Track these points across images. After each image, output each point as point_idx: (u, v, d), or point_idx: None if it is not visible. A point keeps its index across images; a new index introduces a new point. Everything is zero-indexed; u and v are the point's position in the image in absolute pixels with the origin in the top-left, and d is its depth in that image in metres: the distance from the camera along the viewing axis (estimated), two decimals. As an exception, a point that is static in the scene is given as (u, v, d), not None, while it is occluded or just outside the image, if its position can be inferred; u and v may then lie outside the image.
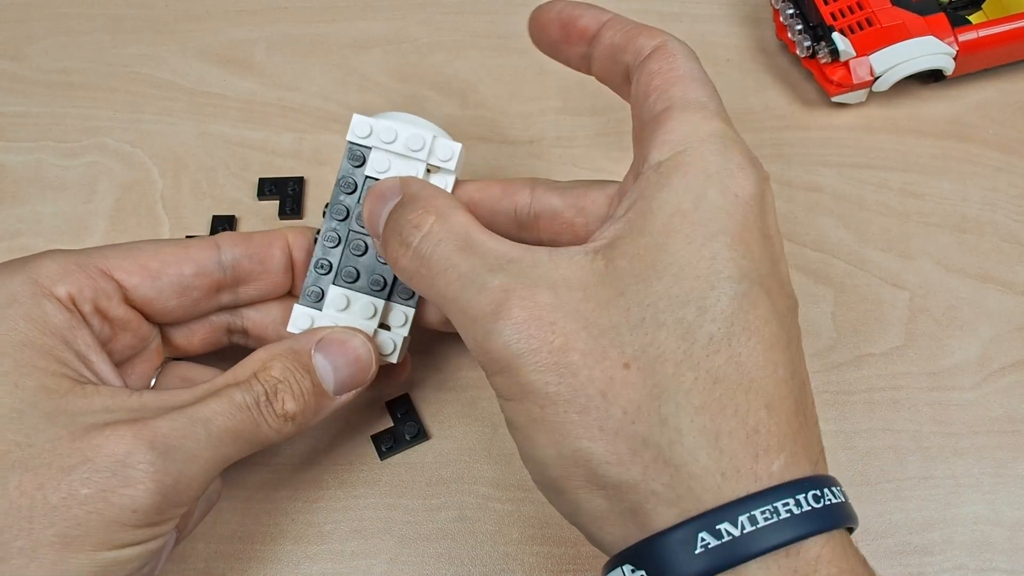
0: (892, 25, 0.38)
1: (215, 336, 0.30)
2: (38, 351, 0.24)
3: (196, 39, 0.42)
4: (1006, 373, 0.35)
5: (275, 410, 0.26)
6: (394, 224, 0.25)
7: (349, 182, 0.29)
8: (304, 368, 0.27)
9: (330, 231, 0.29)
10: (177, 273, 0.28)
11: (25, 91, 0.41)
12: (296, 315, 0.29)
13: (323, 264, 0.29)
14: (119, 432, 0.23)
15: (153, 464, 0.23)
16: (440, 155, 0.29)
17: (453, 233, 0.24)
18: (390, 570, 0.31)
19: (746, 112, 0.41)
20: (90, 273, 0.26)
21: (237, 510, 0.32)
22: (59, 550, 0.22)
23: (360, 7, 0.43)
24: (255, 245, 0.29)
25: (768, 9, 0.43)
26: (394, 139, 0.28)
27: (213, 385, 0.25)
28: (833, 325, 0.36)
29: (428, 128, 0.29)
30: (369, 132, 0.29)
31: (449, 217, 0.24)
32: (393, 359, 0.30)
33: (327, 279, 0.29)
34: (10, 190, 0.38)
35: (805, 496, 0.20)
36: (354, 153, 0.29)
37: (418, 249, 0.24)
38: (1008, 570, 0.31)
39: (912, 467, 0.33)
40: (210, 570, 0.31)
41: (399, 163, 0.29)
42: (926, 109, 0.41)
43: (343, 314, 0.29)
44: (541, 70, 0.42)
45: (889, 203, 0.38)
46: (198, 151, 0.39)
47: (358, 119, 0.29)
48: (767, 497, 0.20)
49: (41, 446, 0.22)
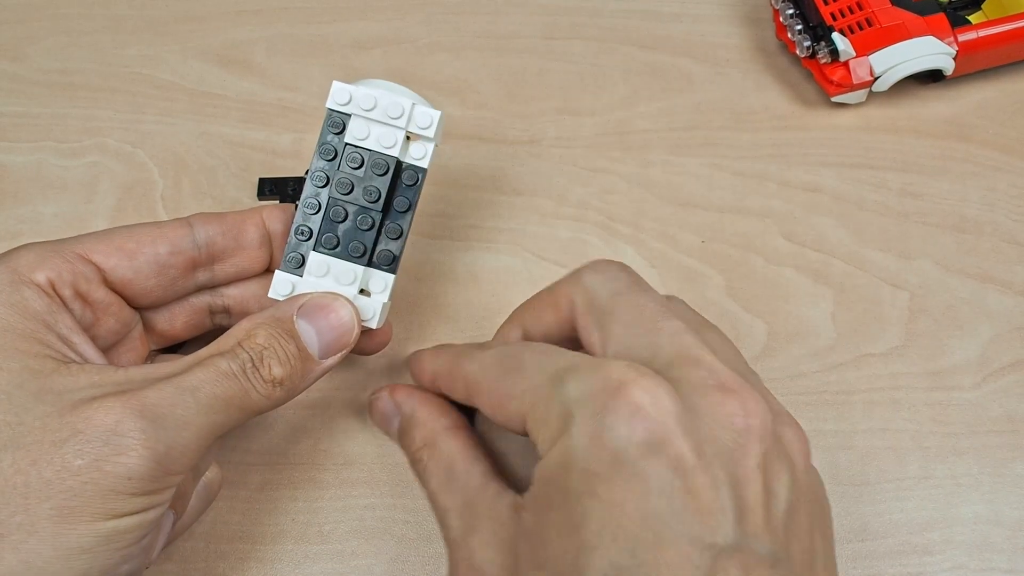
0: (892, 25, 0.39)
1: (197, 319, 0.30)
2: (20, 335, 0.24)
3: (196, 39, 0.42)
4: (1006, 373, 0.35)
5: (262, 376, 0.26)
6: (404, 449, 0.29)
7: (329, 149, 0.29)
8: (288, 333, 0.27)
9: (310, 198, 0.29)
10: (152, 252, 0.28)
11: (26, 91, 0.41)
12: (277, 281, 0.29)
13: (303, 231, 0.29)
14: (107, 403, 0.23)
15: (144, 431, 0.23)
16: (419, 123, 0.29)
17: (441, 467, 0.27)
18: (390, 570, 0.31)
19: (746, 112, 0.41)
20: (67, 258, 0.26)
21: (237, 510, 0.32)
22: (58, 523, 0.22)
23: (360, 7, 0.44)
24: (228, 222, 0.30)
25: (768, 9, 0.43)
26: (373, 106, 0.29)
27: (198, 356, 0.26)
28: (833, 325, 0.36)
29: (407, 96, 0.29)
30: (349, 99, 0.29)
31: (441, 443, 0.28)
32: (373, 324, 0.30)
33: (307, 245, 0.29)
34: (11, 190, 0.38)
35: None
36: (334, 120, 0.29)
37: (425, 471, 0.28)
38: (1008, 570, 0.31)
39: (912, 467, 0.33)
40: (210, 570, 0.31)
41: (378, 130, 0.29)
42: (926, 109, 0.41)
43: (324, 279, 0.29)
44: (541, 70, 0.42)
45: (889, 203, 0.38)
46: (198, 151, 0.39)
47: (338, 86, 0.29)
48: None
49: (31, 424, 0.23)
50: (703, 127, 0.40)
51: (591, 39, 0.43)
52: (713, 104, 0.41)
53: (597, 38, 0.43)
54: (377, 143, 0.29)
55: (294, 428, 0.33)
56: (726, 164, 0.39)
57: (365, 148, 0.29)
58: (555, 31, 0.43)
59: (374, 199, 0.29)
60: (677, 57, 0.42)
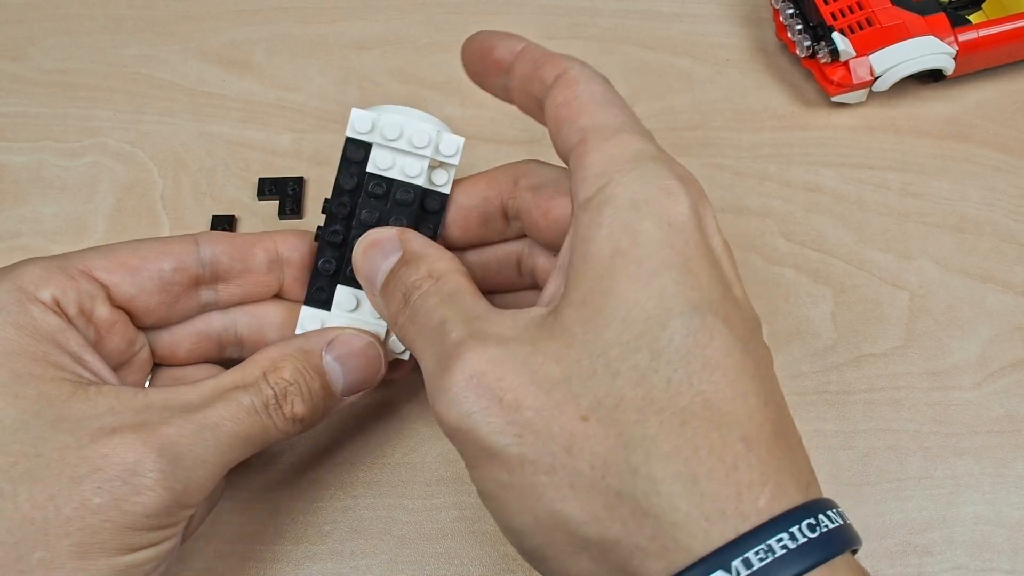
0: (892, 25, 0.38)
1: (204, 347, 0.29)
2: (33, 358, 0.24)
3: (196, 39, 0.42)
4: (1006, 373, 0.35)
5: (284, 412, 0.25)
6: (396, 283, 0.25)
7: (350, 179, 0.28)
8: (315, 369, 0.26)
9: (332, 230, 0.28)
10: (157, 268, 0.27)
11: (26, 91, 0.41)
12: (304, 317, 0.29)
13: (327, 264, 0.29)
14: (127, 440, 0.23)
15: (163, 471, 0.23)
16: (444, 150, 0.28)
17: (442, 291, 0.24)
18: (390, 570, 0.31)
19: (746, 112, 0.41)
20: (71, 275, 0.26)
21: (237, 510, 0.32)
22: (77, 559, 0.22)
23: (360, 7, 0.43)
24: (236, 243, 0.29)
25: (768, 9, 0.43)
26: (399, 136, 0.28)
27: (220, 385, 0.25)
28: (833, 325, 0.36)
29: (431, 122, 0.28)
30: (371, 127, 0.28)
31: (448, 278, 0.24)
32: (405, 356, 0.29)
33: (333, 279, 0.29)
34: (11, 190, 0.38)
35: (799, 527, 0.19)
36: (354, 149, 0.28)
37: (413, 306, 0.24)
38: (1008, 570, 0.31)
39: (912, 467, 0.33)
40: (210, 570, 0.31)
41: (402, 159, 0.28)
42: (926, 109, 0.41)
43: (353, 314, 0.29)
44: (541, 70, 0.42)
45: (889, 203, 0.38)
46: (198, 151, 0.39)
47: (358, 114, 0.28)
48: (758, 536, 0.19)
49: (48, 455, 0.22)
50: (703, 127, 0.40)
51: (591, 39, 0.43)
52: (713, 104, 0.41)
53: (597, 38, 0.43)
54: (401, 172, 0.28)
55: (294, 428, 0.33)
56: (726, 164, 0.39)
57: (389, 178, 0.28)
58: (555, 31, 0.43)
59: None
60: (677, 57, 0.42)
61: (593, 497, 0.20)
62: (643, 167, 0.22)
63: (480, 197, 0.29)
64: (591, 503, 0.20)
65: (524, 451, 0.20)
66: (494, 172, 0.29)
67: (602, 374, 0.20)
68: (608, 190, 0.22)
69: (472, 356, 0.21)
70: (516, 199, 0.28)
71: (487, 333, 0.22)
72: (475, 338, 0.22)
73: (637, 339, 0.20)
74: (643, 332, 0.20)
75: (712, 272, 0.22)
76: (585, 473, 0.20)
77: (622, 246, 0.21)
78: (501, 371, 0.21)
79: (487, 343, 0.21)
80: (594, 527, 0.20)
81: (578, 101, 0.24)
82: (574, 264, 0.22)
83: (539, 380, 0.21)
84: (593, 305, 0.21)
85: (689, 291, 0.21)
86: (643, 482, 0.20)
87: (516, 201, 0.28)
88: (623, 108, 0.24)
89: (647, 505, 0.19)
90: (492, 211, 0.29)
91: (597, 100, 0.24)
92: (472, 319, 0.23)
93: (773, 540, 0.19)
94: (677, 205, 0.22)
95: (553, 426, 0.20)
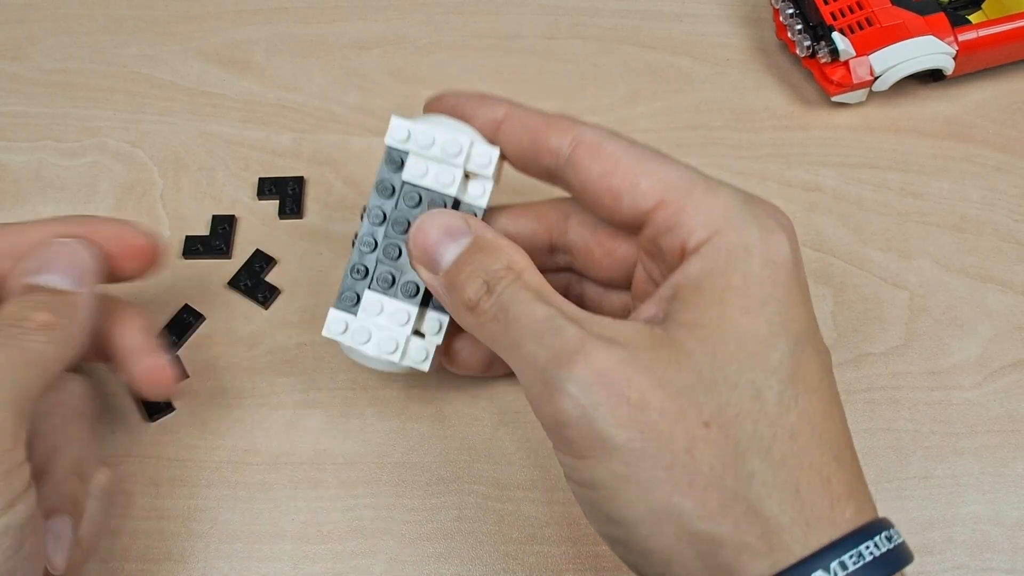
0: (892, 25, 0.38)
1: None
2: None
3: (196, 39, 0.42)
4: (1006, 372, 0.35)
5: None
6: (473, 268, 0.25)
7: (387, 186, 0.28)
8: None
9: (367, 235, 0.29)
10: None
11: (25, 91, 0.41)
12: (331, 319, 0.29)
13: (359, 269, 0.29)
14: None
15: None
16: (477, 160, 0.28)
17: (531, 287, 0.25)
18: (390, 570, 0.31)
19: (746, 112, 0.41)
20: None
21: (237, 510, 0.32)
22: None
23: (360, 7, 0.43)
24: None
25: (768, 9, 0.43)
26: (431, 144, 0.28)
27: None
28: (833, 325, 0.36)
29: (465, 132, 0.28)
30: (407, 136, 0.28)
31: (529, 273, 0.25)
32: (425, 367, 0.29)
33: (363, 284, 0.29)
34: (11, 190, 0.38)
35: (879, 537, 0.22)
36: (392, 157, 0.28)
37: (502, 296, 0.25)
38: (1008, 570, 0.31)
39: (912, 467, 0.33)
40: (210, 570, 0.31)
41: (436, 168, 0.28)
42: (926, 109, 0.41)
43: (378, 319, 0.29)
44: (541, 70, 0.42)
45: (889, 203, 0.38)
46: (198, 151, 0.39)
47: (396, 122, 0.28)
48: (848, 543, 0.21)
49: None
50: (703, 127, 0.40)
51: (591, 39, 0.43)
52: (713, 104, 0.41)
53: (597, 38, 0.43)
54: (435, 181, 0.28)
55: (294, 428, 0.33)
56: (726, 164, 0.39)
57: (423, 187, 0.28)
58: (555, 31, 0.43)
59: None
60: (677, 57, 0.42)
61: (709, 495, 0.21)
62: (743, 213, 0.24)
63: (528, 229, 0.30)
64: (707, 500, 0.21)
65: (646, 447, 0.22)
66: (542, 207, 0.30)
67: (722, 386, 0.22)
68: (718, 239, 0.24)
69: (600, 354, 0.22)
70: (568, 234, 0.29)
71: (605, 335, 0.23)
72: (598, 338, 0.23)
73: (752, 358, 0.22)
74: (756, 352, 0.23)
75: (806, 306, 0.24)
76: (704, 472, 0.21)
77: (733, 283, 0.23)
78: (628, 372, 0.22)
79: (612, 344, 0.23)
80: (707, 522, 0.21)
81: (621, 168, 0.25)
82: (683, 297, 0.24)
83: (664, 385, 0.22)
84: (708, 327, 0.23)
85: (790, 322, 0.23)
86: (757, 486, 0.21)
87: (568, 237, 0.29)
88: (659, 153, 0.26)
89: (759, 507, 0.21)
90: (539, 244, 0.30)
91: (638, 158, 0.25)
92: (580, 319, 0.24)
93: (862, 547, 0.21)
94: (780, 245, 0.24)
95: (676, 428, 0.22)
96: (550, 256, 0.30)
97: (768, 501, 0.21)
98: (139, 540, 0.31)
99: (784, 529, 0.21)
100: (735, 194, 0.25)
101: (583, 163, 0.26)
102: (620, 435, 0.22)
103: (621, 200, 0.25)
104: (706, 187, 0.25)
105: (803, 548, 0.21)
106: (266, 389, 0.34)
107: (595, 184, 0.26)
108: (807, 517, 0.21)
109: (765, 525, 0.21)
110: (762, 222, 0.24)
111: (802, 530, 0.21)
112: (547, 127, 0.26)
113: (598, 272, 0.29)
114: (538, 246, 0.30)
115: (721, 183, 0.25)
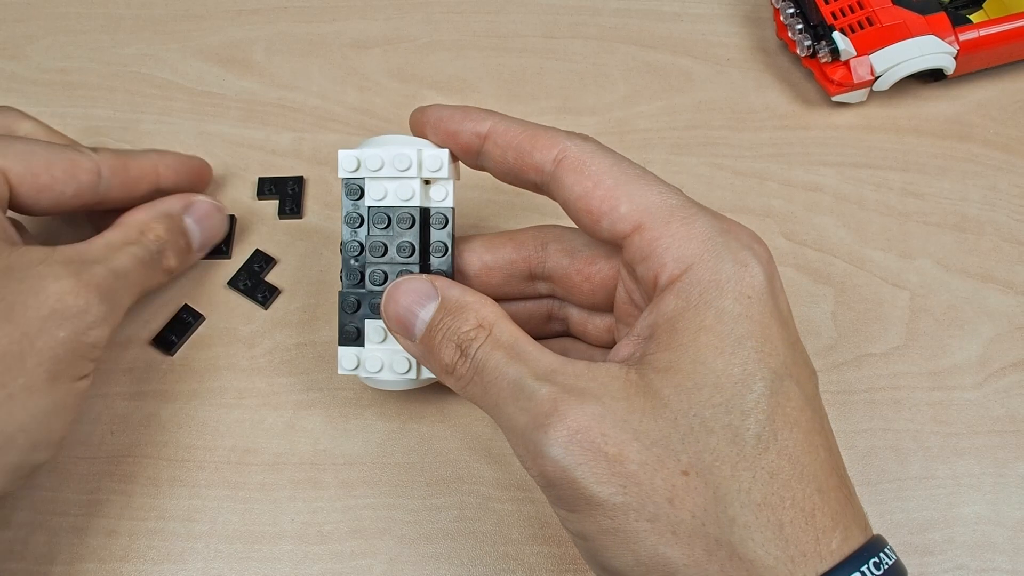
0: (893, 24, 0.38)
1: None
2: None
3: (196, 39, 0.42)
4: (1007, 373, 0.35)
5: (162, 265, 0.32)
6: (444, 333, 0.26)
7: (354, 217, 0.29)
8: (179, 230, 0.33)
9: (350, 270, 0.29)
10: (60, 191, 0.30)
11: (25, 91, 0.41)
12: (341, 357, 0.29)
13: (350, 303, 0.29)
14: (70, 285, 0.27)
15: (104, 310, 0.28)
16: (430, 167, 0.29)
17: (503, 344, 0.25)
18: (390, 570, 0.31)
19: (746, 112, 0.41)
20: None
21: (237, 510, 0.32)
22: (51, 383, 0.26)
23: (360, 7, 0.43)
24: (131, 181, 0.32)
25: (768, 9, 0.43)
26: (381, 165, 0.29)
27: (110, 242, 0.30)
28: (833, 325, 0.35)
29: (411, 143, 0.29)
30: (357, 164, 0.29)
31: (499, 327, 0.25)
32: None
33: (359, 316, 0.29)
34: (9, 190, 0.38)
35: (868, 566, 0.22)
36: (350, 187, 0.29)
37: (475, 358, 0.25)
38: (1009, 570, 0.31)
39: (913, 467, 0.33)
40: (210, 570, 0.31)
41: (394, 186, 0.29)
42: (926, 108, 0.41)
43: (383, 346, 0.29)
44: (541, 69, 0.42)
45: (889, 203, 0.38)
46: (198, 151, 0.39)
47: (343, 154, 0.29)
48: (835, 574, 0.21)
49: (11, 300, 0.26)
50: (703, 126, 0.40)
51: (591, 38, 0.43)
52: (713, 103, 0.41)
53: (597, 37, 0.43)
54: (397, 198, 0.29)
55: (294, 428, 0.33)
56: (726, 163, 0.39)
57: (387, 207, 0.29)
58: (555, 30, 0.43)
59: (408, 254, 0.29)
60: (677, 56, 0.42)
61: (694, 542, 0.22)
62: (716, 247, 0.24)
63: (506, 259, 0.30)
64: (692, 548, 0.22)
65: (628, 500, 0.22)
66: (520, 235, 0.30)
67: (699, 432, 0.22)
68: (691, 276, 0.24)
69: (573, 412, 0.23)
70: (547, 263, 0.30)
71: (577, 389, 0.23)
72: (569, 394, 0.23)
73: (728, 402, 0.22)
74: (733, 396, 0.23)
75: (784, 335, 0.24)
76: (687, 521, 0.22)
77: (707, 323, 0.23)
78: (603, 427, 0.22)
79: (584, 399, 0.23)
80: (694, 570, 0.22)
81: (602, 189, 0.25)
82: (658, 337, 0.24)
83: (640, 436, 0.22)
84: (682, 372, 0.23)
85: (768, 358, 0.23)
86: (739, 530, 0.22)
87: (547, 265, 0.30)
88: (643, 174, 0.26)
89: (743, 551, 0.21)
90: (517, 272, 0.30)
91: (619, 179, 0.25)
92: (550, 372, 0.24)
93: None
94: (753, 278, 0.24)
95: (656, 479, 0.22)
96: (530, 283, 0.31)
97: (751, 544, 0.21)
98: (139, 540, 0.31)
99: (769, 570, 0.21)
100: (711, 224, 0.25)
101: (565, 181, 0.26)
102: (602, 491, 0.22)
103: (600, 222, 0.25)
104: (684, 216, 0.25)
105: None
106: (266, 389, 0.34)
107: (574, 204, 0.26)
108: (791, 555, 0.21)
109: (751, 568, 0.21)
110: (736, 255, 0.24)
111: (787, 568, 0.21)
112: (531, 142, 0.27)
113: (579, 298, 0.30)
114: (517, 274, 0.30)
115: (700, 210, 0.25)
